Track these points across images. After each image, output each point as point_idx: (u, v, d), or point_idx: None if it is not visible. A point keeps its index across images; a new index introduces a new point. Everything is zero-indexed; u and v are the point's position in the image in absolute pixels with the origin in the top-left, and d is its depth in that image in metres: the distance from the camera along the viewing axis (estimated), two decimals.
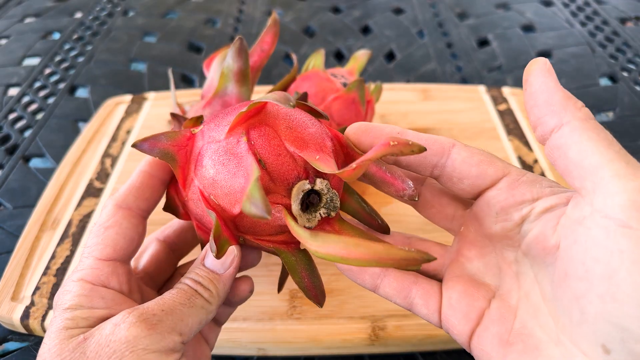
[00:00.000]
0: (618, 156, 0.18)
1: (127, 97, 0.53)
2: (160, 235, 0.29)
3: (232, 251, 0.23)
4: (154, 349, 0.19)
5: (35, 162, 0.49)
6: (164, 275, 0.28)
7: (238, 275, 0.25)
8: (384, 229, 0.25)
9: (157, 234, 0.30)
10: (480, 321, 0.22)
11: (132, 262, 0.28)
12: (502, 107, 0.51)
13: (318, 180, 0.22)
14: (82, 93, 0.59)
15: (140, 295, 0.25)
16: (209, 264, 0.23)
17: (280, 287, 0.27)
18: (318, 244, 0.19)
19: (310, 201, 0.23)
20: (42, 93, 0.58)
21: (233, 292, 0.25)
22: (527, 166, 0.44)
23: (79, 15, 0.74)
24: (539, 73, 0.20)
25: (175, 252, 0.29)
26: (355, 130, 0.23)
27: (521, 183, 0.21)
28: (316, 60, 0.41)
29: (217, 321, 0.27)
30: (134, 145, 0.23)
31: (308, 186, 0.22)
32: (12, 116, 0.55)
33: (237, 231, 0.23)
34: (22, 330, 0.34)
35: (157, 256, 0.28)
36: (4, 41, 0.68)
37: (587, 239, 0.18)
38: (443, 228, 0.25)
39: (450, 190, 0.23)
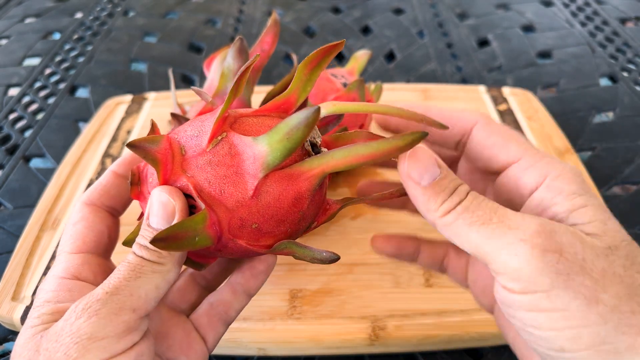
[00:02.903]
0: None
1: (128, 97, 0.53)
2: (92, 199, 0.27)
3: (169, 202, 0.20)
4: (101, 336, 0.18)
5: (35, 162, 0.49)
6: (109, 245, 0.27)
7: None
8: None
9: None
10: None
11: (70, 247, 0.26)
12: (502, 107, 0.51)
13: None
14: (82, 93, 0.59)
15: None
16: (153, 223, 0.21)
17: None
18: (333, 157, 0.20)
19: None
20: (42, 93, 0.58)
21: (252, 269, 0.25)
22: None
23: (79, 15, 0.74)
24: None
25: (114, 215, 0.27)
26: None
27: (526, 172, 0.21)
28: None
29: (224, 317, 0.26)
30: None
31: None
32: (12, 116, 0.55)
33: (181, 171, 0.21)
34: None
35: (94, 226, 0.26)
36: (4, 41, 0.68)
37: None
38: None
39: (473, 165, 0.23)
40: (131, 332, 0.19)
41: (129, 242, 0.23)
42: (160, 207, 0.21)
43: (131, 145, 0.20)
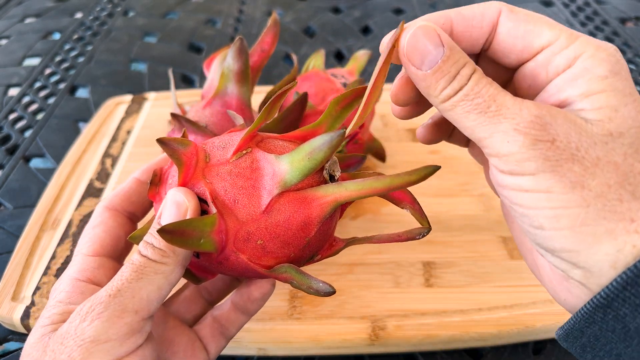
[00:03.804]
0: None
1: (128, 97, 0.53)
2: (112, 204, 0.27)
3: (183, 202, 0.21)
4: (104, 339, 0.19)
5: (35, 162, 0.49)
6: (125, 249, 0.27)
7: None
8: None
9: None
10: None
11: (87, 249, 0.26)
12: None
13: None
14: (82, 93, 0.59)
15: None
16: (165, 221, 0.21)
17: None
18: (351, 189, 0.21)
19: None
20: (42, 93, 0.58)
21: (249, 293, 0.25)
22: None
23: (79, 15, 0.74)
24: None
25: (133, 221, 0.27)
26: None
27: (558, 57, 0.20)
28: (316, 60, 0.41)
29: (225, 332, 0.26)
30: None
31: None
32: (12, 116, 0.55)
33: (202, 177, 0.22)
34: (23, 330, 0.34)
35: (112, 230, 0.26)
36: (4, 41, 0.68)
37: None
38: None
39: (497, 61, 0.22)
40: (134, 335, 0.19)
41: (135, 238, 0.23)
42: (173, 206, 0.21)
43: (161, 142, 0.21)
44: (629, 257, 0.17)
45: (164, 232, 0.19)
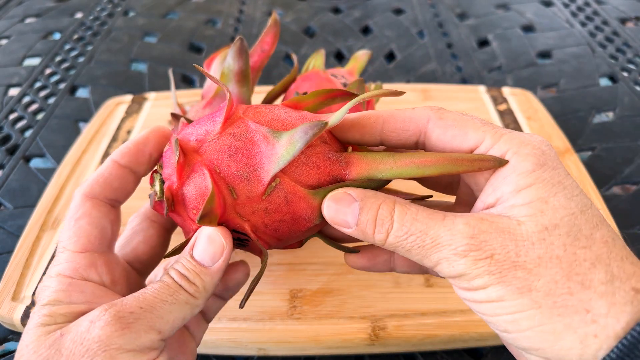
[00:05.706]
0: None
1: (128, 97, 0.53)
2: (154, 215, 0.28)
3: (221, 243, 0.22)
4: (129, 348, 0.19)
5: (35, 162, 0.49)
6: (157, 259, 0.27)
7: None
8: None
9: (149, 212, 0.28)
10: None
11: (119, 250, 0.26)
12: (502, 107, 0.51)
13: None
14: (82, 93, 0.59)
15: (127, 284, 0.24)
16: (197, 256, 0.22)
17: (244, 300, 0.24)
18: (394, 160, 0.21)
19: None
20: (42, 93, 0.58)
21: (225, 282, 0.26)
22: None
23: (79, 15, 0.74)
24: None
25: (169, 231, 0.28)
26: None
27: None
28: (316, 60, 0.41)
29: (205, 317, 0.27)
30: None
31: None
32: (12, 116, 0.55)
33: (236, 214, 0.22)
34: (23, 330, 0.34)
35: (150, 240, 0.27)
36: (4, 41, 0.68)
37: None
38: (446, 194, 0.26)
39: None
40: (151, 351, 0.20)
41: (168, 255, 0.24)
42: (207, 242, 0.22)
43: (203, 218, 0.21)
44: (593, 347, 0.17)
45: (244, 301, 0.23)
